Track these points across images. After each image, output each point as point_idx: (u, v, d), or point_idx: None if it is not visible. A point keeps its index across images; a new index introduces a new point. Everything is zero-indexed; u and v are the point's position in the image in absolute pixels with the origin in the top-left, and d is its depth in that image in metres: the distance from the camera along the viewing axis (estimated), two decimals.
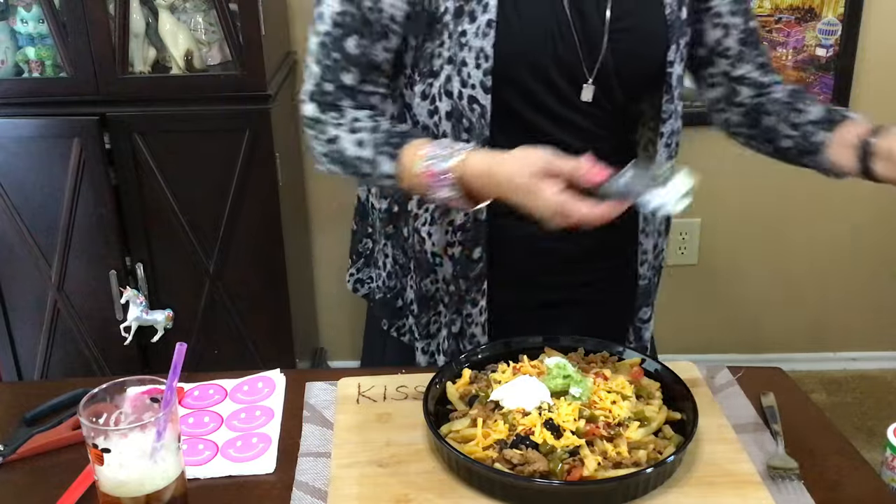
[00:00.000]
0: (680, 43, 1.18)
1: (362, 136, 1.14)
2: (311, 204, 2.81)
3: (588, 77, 1.15)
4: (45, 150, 2.14)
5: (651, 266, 1.31)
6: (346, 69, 1.15)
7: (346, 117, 1.16)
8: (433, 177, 1.06)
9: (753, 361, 1.31)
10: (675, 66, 1.18)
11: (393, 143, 1.11)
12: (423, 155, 1.07)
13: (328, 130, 1.17)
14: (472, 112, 1.14)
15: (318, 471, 1.00)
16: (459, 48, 1.11)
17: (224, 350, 2.36)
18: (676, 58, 1.18)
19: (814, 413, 1.12)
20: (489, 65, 1.11)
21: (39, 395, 1.12)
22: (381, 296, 1.38)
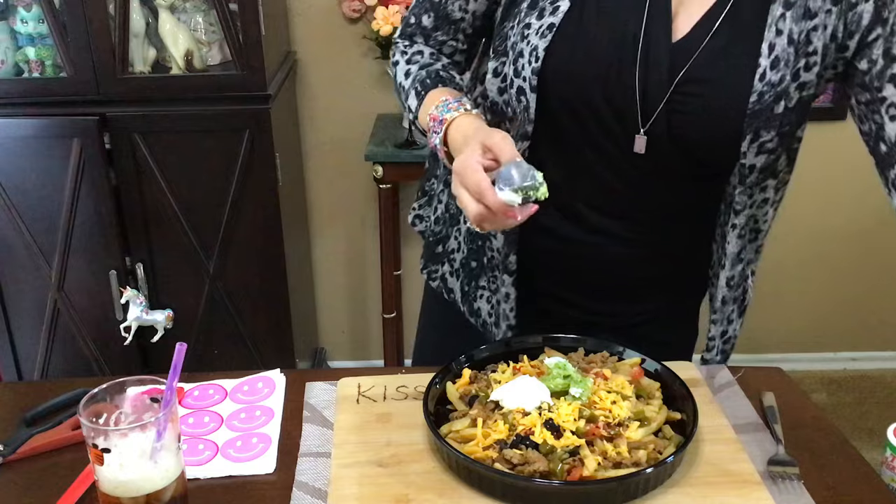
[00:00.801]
0: (761, 136, 1.05)
1: (411, 68, 1.21)
2: (311, 204, 2.81)
3: (640, 127, 1.08)
4: (45, 150, 2.14)
5: (720, 351, 1.27)
6: (426, 11, 1.23)
7: (411, 49, 1.24)
8: (434, 120, 1.11)
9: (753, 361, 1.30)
10: (749, 158, 1.07)
11: (427, 83, 1.17)
12: (439, 100, 1.11)
13: (395, 55, 1.26)
14: (519, 104, 1.12)
15: (318, 471, 1.00)
16: (520, 38, 1.10)
17: (224, 350, 2.37)
18: (751, 149, 1.06)
19: (814, 413, 1.12)
20: (537, 65, 1.08)
21: (39, 395, 1.12)
22: (429, 236, 1.39)
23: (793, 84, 1.04)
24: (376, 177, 2.44)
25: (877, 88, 1.04)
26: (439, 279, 1.36)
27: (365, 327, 2.99)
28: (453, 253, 1.32)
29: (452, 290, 1.34)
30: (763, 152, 1.07)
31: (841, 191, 2.76)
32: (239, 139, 2.16)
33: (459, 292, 1.33)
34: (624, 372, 1.08)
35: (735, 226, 1.14)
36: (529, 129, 1.13)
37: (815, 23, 1.02)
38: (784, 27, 1.02)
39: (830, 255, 2.84)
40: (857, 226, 2.80)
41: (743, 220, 1.14)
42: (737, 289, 1.22)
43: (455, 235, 1.32)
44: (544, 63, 1.07)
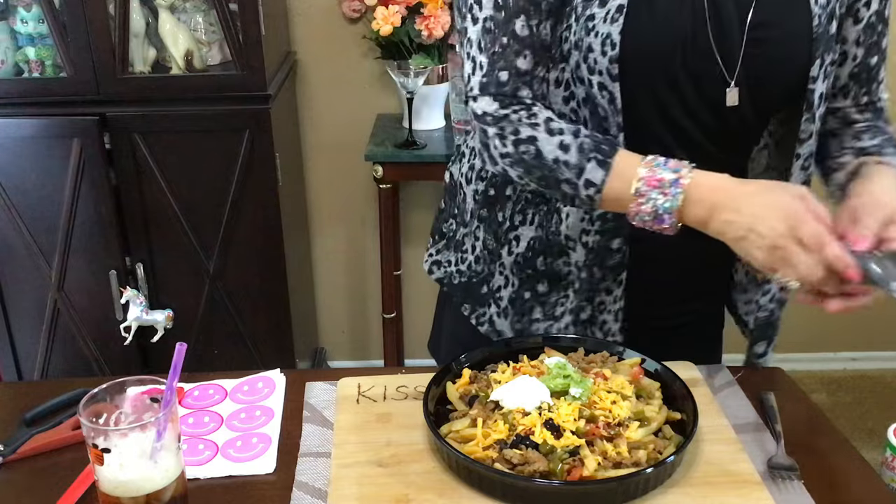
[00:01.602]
0: (825, 59, 1.10)
1: (566, 139, 1.06)
2: (311, 204, 2.81)
3: (729, 80, 1.08)
4: (45, 150, 2.14)
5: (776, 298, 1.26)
6: (519, 53, 1.08)
7: (537, 117, 1.08)
8: (656, 182, 1.00)
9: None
10: (818, 84, 1.10)
11: (604, 150, 1.05)
12: (648, 161, 1.02)
13: (521, 130, 1.08)
14: (604, 98, 1.08)
15: (318, 471, 1.00)
16: (586, 33, 1.06)
17: (224, 350, 2.36)
18: (820, 74, 1.10)
19: (814, 413, 1.12)
20: (615, 52, 1.05)
21: (39, 395, 1.12)
22: (464, 280, 1.31)
23: (836, 2, 1.10)
24: (376, 177, 2.44)
25: None
26: (487, 323, 1.29)
27: (365, 327, 2.99)
28: (500, 290, 1.26)
29: (502, 332, 1.28)
30: (826, 77, 1.11)
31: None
32: (239, 139, 2.16)
33: (511, 332, 1.27)
34: (624, 372, 1.08)
35: (799, 155, 1.14)
36: (620, 120, 1.09)
37: None
38: None
39: None
40: None
41: (807, 150, 1.14)
42: None
43: (500, 271, 1.26)
44: (622, 47, 1.04)
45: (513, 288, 1.25)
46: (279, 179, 2.23)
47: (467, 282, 1.31)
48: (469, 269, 1.31)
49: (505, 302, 1.26)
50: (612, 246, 1.17)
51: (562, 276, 1.22)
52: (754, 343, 1.27)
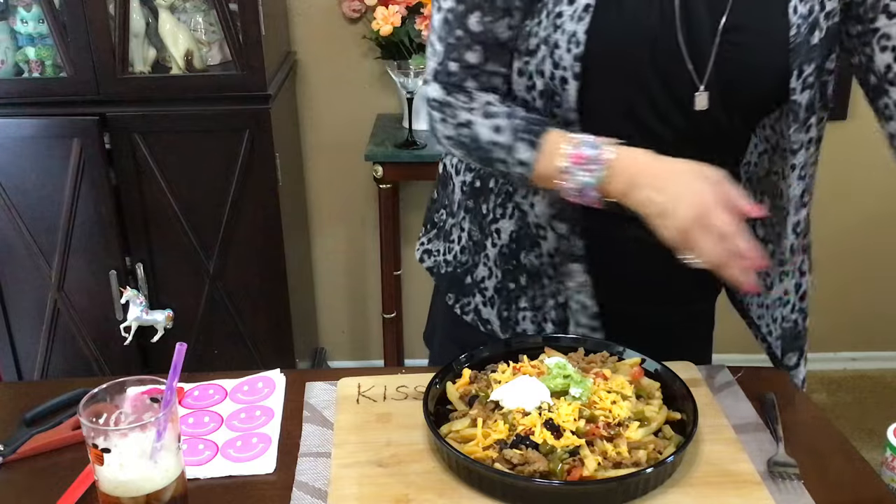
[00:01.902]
0: (805, 69, 1.07)
1: (499, 122, 1.10)
2: (311, 204, 2.81)
3: (699, 84, 1.07)
4: (45, 150, 2.14)
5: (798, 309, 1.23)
6: (468, 48, 1.11)
7: (476, 101, 1.12)
8: (580, 160, 1.03)
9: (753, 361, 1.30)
10: (802, 94, 1.08)
11: (534, 130, 1.08)
12: (573, 140, 1.05)
13: (459, 114, 1.13)
14: (564, 92, 1.09)
15: (318, 471, 1.00)
16: (554, 29, 1.07)
17: (224, 350, 2.37)
18: (798, 85, 1.08)
19: (814, 413, 1.12)
20: (580, 50, 1.05)
21: (39, 395, 1.12)
22: (450, 270, 1.33)
23: (821, 13, 1.07)
24: (376, 177, 2.44)
25: (870, 20, 1.07)
26: (473, 312, 1.30)
27: (365, 327, 2.99)
28: (484, 281, 1.28)
29: (489, 321, 1.29)
30: (807, 87, 1.09)
31: (841, 191, 2.76)
32: (239, 139, 2.16)
33: (498, 321, 1.28)
34: (624, 372, 1.08)
35: (794, 166, 1.13)
36: (574, 118, 1.10)
37: None
38: None
39: (830, 254, 2.84)
40: (857, 225, 2.80)
41: (802, 159, 1.13)
42: (804, 237, 1.19)
43: (484, 262, 1.27)
44: (587, 45, 1.05)
45: (497, 279, 1.26)
46: (279, 179, 2.23)
47: (452, 272, 1.32)
48: (455, 259, 1.32)
49: (491, 292, 1.28)
50: (576, 232, 1.18)
51: (537, 269, 1.23)
52: (783, 355, 1.26)
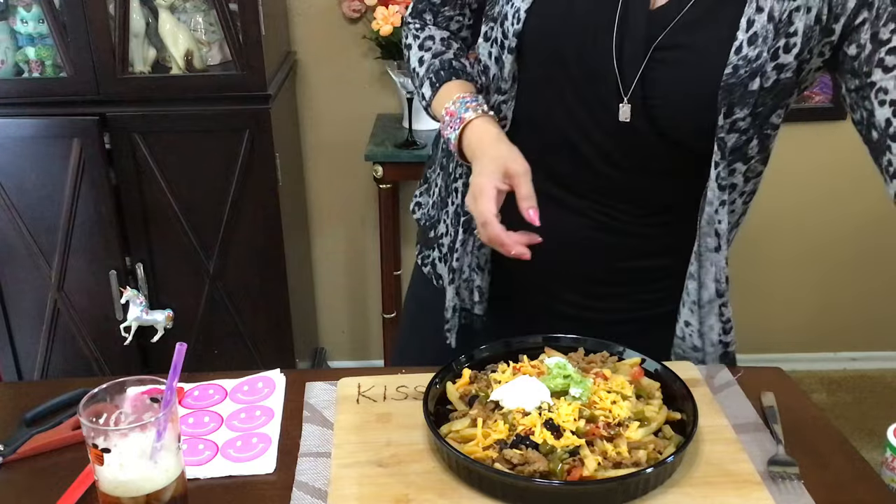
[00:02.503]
0: (737, 112, 1.04)
1: (424, 56, 1.25)
2: (311, 204, 2.81)
3: (623, 95, 1.07)
4: (45, 150, 2.14)
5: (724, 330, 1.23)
6: None
7: (423, 32, 1.28)
8: (450, 116, 1.15)
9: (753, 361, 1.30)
10: (728, 135, 1.05)
11: (442, 75, 1.21)
12: (456, 96, 1.16)
13: (407, 37, 1.30)
14: (498, 66, 1.15)
15: (318, 471, 1.00)
16: (507, 1, 1.13)
17: (224, 350, 2.37)
18: (726, 125, 1.05)
19: (814, 413, 1.12)
20: (518, 27, 1.10)
21: (39, 395, 1.12)
22: (424, 222, 1.39)
23: (770, 63, 1.03)
24: (376, 177, 2.44)
25: (866, 73, 1.03)
26: (430, 265, 1.36)
27: (365, 327, 2.99)
28: (442, 237, 1.32)
29: (441, 276, 1.34)
30: (735, 131, 1.06)
31: (841, 190, 2.76)
32: (239, 139, 2.16)
33: (448, 276, 1.31)
34: (624, 372, 1.08)
35: (702, 208, 1.12)
36: (505, 87, 1.15)
37: (797, 3, 1.02)
38: (765, 4, 1.02)
39: (830, 254, 2.84)
40: (857, 225, 2.80)
41: (711, 197, 1.11)
42: None
43: (444, 219, 1.31)
44: (525, 24, 1.10)
45: (450, 238, 1.29)
46: (279, 179, 2.23)
47: (425, 223, 1.38)
48: (429, 212, 1.38)
49: (445, 249, 1.32)
50: None
51: None
52: None
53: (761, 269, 2.82)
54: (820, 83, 2.58)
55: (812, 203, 2.77)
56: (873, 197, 2.78)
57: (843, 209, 2.78)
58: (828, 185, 2.75)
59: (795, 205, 2.76)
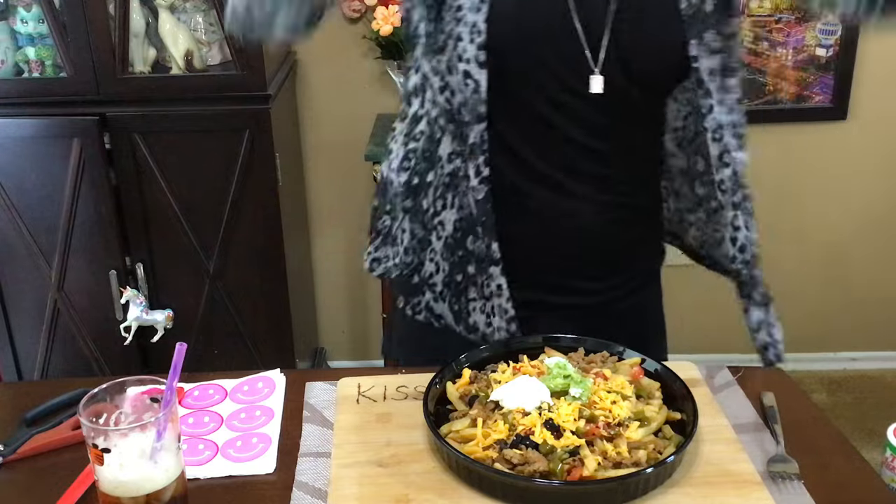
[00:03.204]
0: (706, 36, 1.11)
1: None
2: (311, 204, 2.81)
3: (594, 67, 1.12)
4: (45, 150, 2.14)
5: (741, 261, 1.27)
6: None
7: None
8: None
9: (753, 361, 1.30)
10: (703, 60, 1.11)
11: None
12: None
13: None
14: (467, 87, 1.13)
15: (318, 471, 1.00)
16: (455, 23, 1.12)
17: (224, 350, 2.36)
18: (703, 52, 1.11)
19: (814, 413, 1.12)
20: (482, 39, 1.10)
21: (39, 395, 1.12)
22: (398, 273, 1.34)
23: None
24: (376, 177, 2.43)
25: None
26: (424, 310, 1.33)
27: (365, 327, 2.99)
28: (432, 277, 1.30)
29: (442, 316, 1.31)
30: (713, 52, 1.12)
31: (841, 190, 2.76)
32: (239, 139, 2.16)
33: (450, 314, 1.30)
34: (624, 372, 1.08)
35: (706, 129, 1.15)
36: (483, 110, 1.14)
37: None
38: None
39: (831, 254, 2.84)
40: (858, 225, 2.80)
41: (713, 123, 1.15)
42: (732, 193, 1.20)
43: (430, 258, 1.29)
44: (488, 35, 1.10)
45: (444, 273, 1.28)
46: (279, 179, 2.23)
47: (399, 274, 1.34)
48: (401, 261, 1.33)
49: (440, 286, 1.29)
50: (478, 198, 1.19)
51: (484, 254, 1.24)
52: None
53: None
54: (820, 83, 2.58)
55: (812, 203, 2.77)
56: (874, 197, 2.78)
57: (843, 209, 2.78)
58: (828, 185, 2.75)
59: (795, 204, 2.76)
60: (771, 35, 2.52)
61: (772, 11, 2.50)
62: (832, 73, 2.56)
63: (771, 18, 2.50)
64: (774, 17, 2.50)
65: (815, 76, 2.57)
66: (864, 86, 2.60)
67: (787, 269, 2.83)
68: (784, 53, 2.55)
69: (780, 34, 2.52)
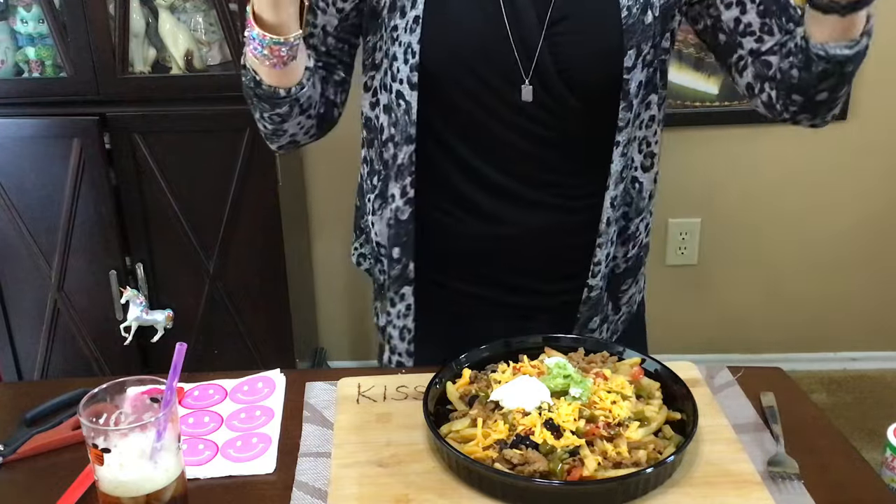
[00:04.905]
0: (643, 48, 1.13)
1: None
2: (311, 204, 2.81)
3: (524, 77, 1.13)
4: (45, 150, 2.14)
5: (603, 276, 1.27)
6: None
7: None
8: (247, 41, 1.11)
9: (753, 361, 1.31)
10: (636, 73, 1.13)
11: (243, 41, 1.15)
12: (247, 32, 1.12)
13: None
14: (399, 108, 1.15)
15: (318, 471, 1.00)
16: (391, 42, 1.13)
17: (224, 350, 2.36)
18: (638, 63, 1.13)
19: (814, 413, 1.12)
20: (415, 60, 1.12)
21: (39, 395, 1.12)
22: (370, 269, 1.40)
23: None
24: None
25: None
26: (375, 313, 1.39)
27: (365, 327, 2.99)
28: None
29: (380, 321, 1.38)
30: (646, 66, 1.14)
31: (841, 190, 2.76)
32: (239, 139, 2.16)
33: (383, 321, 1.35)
34: (624, 372, 1.08)
35: (618, 143, 1.17)
36: (413, 132, 1.15)
37: None
38: None
39: (830, 254, 2.84)
40: (858, 225, 2.80)
41: (625, 137, 1.17)
42: (618, 209, 1.23)
43: None
44: (422, 55, 1.11)
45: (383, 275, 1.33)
46: (279, 179, 2.23)
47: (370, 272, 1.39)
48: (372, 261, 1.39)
49: None
50: (402, 218, 1.22)
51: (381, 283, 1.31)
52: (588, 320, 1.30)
53: (761, 268, 2.82)
54: None
55: (812, 203, 2.77)
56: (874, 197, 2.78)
57: (843, 209, 2.78)
58: (828, 185, 2.75)
59: (795, 204, 2.76)
60: None
61: None
62: None
63: None
64: None
65: None
66: (864, 86, 2.60)
67: (786, 268, 2.83)
68: None
69: None
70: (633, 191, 1.24)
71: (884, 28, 2.62)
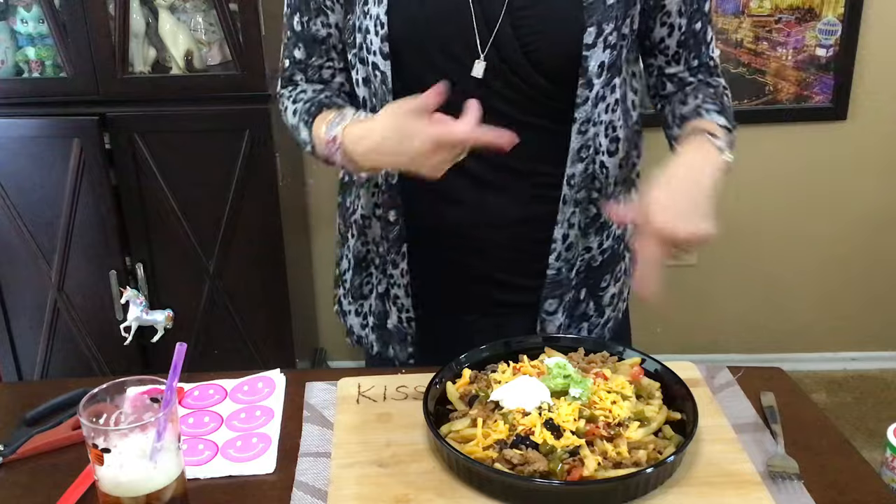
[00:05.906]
0: (605, 28, 1.13)
1: (297, 107, 1.25)
2: (311, 204, 2.81)
3: (480, 53, 1.13)
4: (45, 150, 2.14)
5: (564, 259, 1.26)
6: (295, 45, 1.27)
7: (296, 90, 1.28)
8: (327, 144, 1.14)
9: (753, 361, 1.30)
10: (596, 51, 1.13)
11: (311, 111, 1.21)
12: (328, 121, 1.15)
13: (283, 102, 1.30)
14: (376, 78, 1.17)
15: (318, 471, 1.00)
16: (363, 16, 1.16)
17: (224, 350, 2.36)
18: (599, 42, 1.13)
19: (814, 413, 1.12)
20: (384, 31, 1.13)
21: (39, 395, 1.12)
22: None
23: None
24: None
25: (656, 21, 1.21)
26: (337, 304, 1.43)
27: None
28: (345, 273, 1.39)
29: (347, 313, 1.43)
30: (608, 47, 1.14)
31: (841, 190, 2.76)
32: (239, 139, 2.16)
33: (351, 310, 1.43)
34: (624, 372, 1.08)
35: (575, 119, 1.17)
36: (391, 100, 1.16)
37: None
38: None
39: (830, 254, 2.84)
40: (857, 225, 2.80)
41: (583, 114, 1.17)
42: (579, 190, 1.22)
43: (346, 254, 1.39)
44: (390, 26, 1.13)
45: (351, 271, 1.37)
46: (279, 179, 2.23)
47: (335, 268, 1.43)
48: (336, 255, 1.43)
49: (349, 284, 1.39)
50: (390, 218, 1.24)
51: (363, 256, 1.34)
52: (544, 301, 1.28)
53: (761, 268, 2.82)
54: (820, 83, 2.58)
55: (812, 203, 2.77)
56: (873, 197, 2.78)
57: (843, 209, 2.78)
58: (828, 185, 2.75)
59: (795, 205, 2.76)
60: (771, 35, 2.52)
61: (772, 11, 2.50)
62: (832, 73, 2.56)
63: (771, 18, 2.50)
64: (774, 17, 2.50)
65: (815, 76, 2.57)
66: (864, 86, 2.60)
67: (786, 268, 2.83)
68: (784, 53, 2.55)
69: (780, 34, 2.52)
70: (601, 175, 1.23)
71: (884, 28, 2.63)
